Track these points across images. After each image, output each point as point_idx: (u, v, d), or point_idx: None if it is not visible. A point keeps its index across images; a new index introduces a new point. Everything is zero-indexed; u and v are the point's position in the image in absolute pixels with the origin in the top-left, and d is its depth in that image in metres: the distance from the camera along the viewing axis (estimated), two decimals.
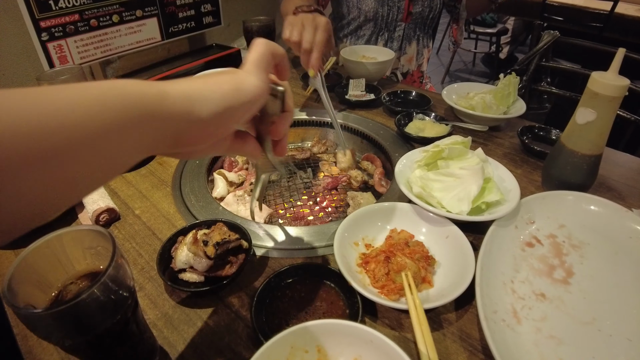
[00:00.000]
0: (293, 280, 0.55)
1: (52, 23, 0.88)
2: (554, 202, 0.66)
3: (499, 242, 0.59)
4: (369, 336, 0.41)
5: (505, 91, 0.87)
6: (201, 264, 0.56)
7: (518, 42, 3.60)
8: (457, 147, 0.65)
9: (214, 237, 0.57)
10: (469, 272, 0.53)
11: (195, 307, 0.55)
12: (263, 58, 0.37)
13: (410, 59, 1.33)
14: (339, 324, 0.42)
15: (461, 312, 0.53)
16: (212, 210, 0.70)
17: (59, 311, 0.34)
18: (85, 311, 0.36)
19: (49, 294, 0.40)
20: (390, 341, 0.39)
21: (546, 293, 0.55)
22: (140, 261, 0.62)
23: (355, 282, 0.53)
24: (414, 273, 0.54)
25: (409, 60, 1.34)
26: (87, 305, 0.36)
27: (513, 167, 0.80)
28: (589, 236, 0.63)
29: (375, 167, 0.88)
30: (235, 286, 0.57)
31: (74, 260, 0.42)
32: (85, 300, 0.35)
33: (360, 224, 0.62)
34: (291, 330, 0.41)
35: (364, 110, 1.02)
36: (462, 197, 0.62)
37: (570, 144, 0.68)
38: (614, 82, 0.61)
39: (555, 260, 0.59)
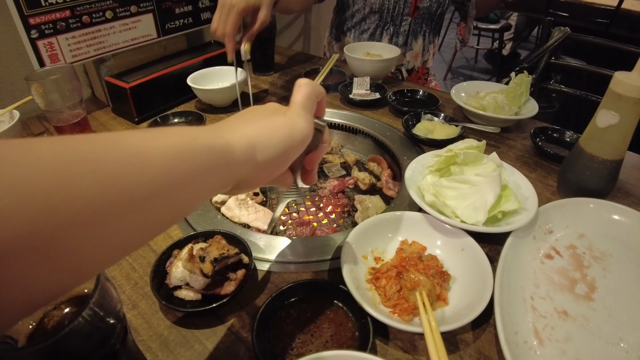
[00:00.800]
0: (298, 299, 0.51)
1: (42, 20, 0.84)
2: (573, 210, 0.62)
3: (517, 255, 0.56)
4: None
5: (517, 91, 0.82)
6: (197, 282, 0.52)
7: (521, 39, 3.55)
8: (472, 152, 0.61)
9: (211, 253, 0.53)
10: (487, 289, 0.49)
11: (193, 328, 0.51)
12: (309, 99, 0.40)
13: (416, 55, 1.29)
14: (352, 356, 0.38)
15: (478, 331, 0.50)
16: (211, 219, 0.66)
17: (38, 349, 0.30)
18: (69, 346, 0.32)
19: (29, 322, 0.37)
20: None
21: (569, 310, 0.51)
22: (133, 276, 0.59)
23: (365, 301, 0.49)
24: (429, 291, 0.50)
25: (415, 57, 1.29)
26: (72, 339, 0.32)
27: (527, 171, 0.76)
28: (611, 247, 0.59)
29: (381, 169, 0.84)
30: (236, 304, 0.54)
31: None
32: (70, 332, 0.31)
33: (369, 235, 0.59)
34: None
35: (369, 110, 0.98)
36: (478, 206, 0.58)
37: (589, 148, 0.64)
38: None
39: (576, 273, 0.56)
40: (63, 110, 0.81)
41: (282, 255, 0.60)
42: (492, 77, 3.50)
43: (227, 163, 0.32)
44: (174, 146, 0.28)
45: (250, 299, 0.55)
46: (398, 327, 0.46)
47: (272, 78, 1.19)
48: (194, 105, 1.04)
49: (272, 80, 1.17)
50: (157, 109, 0.97)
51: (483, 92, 0.87)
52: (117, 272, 0.59)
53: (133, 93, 0.90)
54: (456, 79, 3.63)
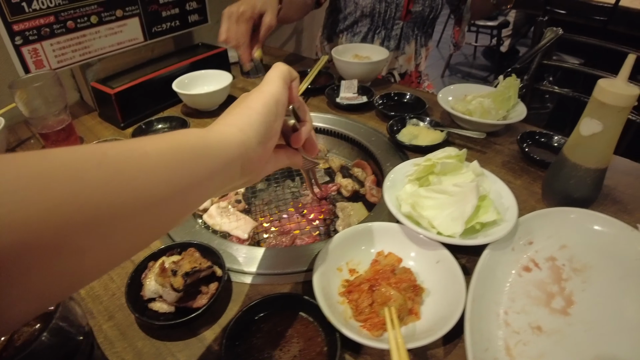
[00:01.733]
0: (269, 313, 0.51)
1: (26, 26, 0.83)
2: (555, 220, 0.61)
3: (493, 268, 0.55)
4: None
5: (505, 94, 0.81)
6: (170, 296, 0.52)
7: (520, 35, 3.48)
8: (450, 161, 0.60)
9: (183, 266, 0.53)
10: (459, 304, 0.49)
11: (166, 340, 0.51)
12: (280, 72, 0.43)
13: (408, 58, 1.27)
14: None
15: (450, 346, 0.49)
16: (189, 228, 0.66)
17: None
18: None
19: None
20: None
21: (543, 326, 0.50)
22: (112, 286, 0.59)
23: (336, 314, 0.49)
24: (400, 305, 0.50)
25: (408, 61, 1.27)
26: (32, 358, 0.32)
27: (512, 177, 0.75)
28: (593, 258, 0.58)
29: (366, 175, 0.83)
30: (210, 317, 0.54)
31: None
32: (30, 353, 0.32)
33: (344, 247, 0.58)
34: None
35: (356, 114, 0.96)
36: (456, 217, 0.57)
37: (573, 156, 0.63)
38: (624, 91, 0.55)
39: (554, 286, 0.55)
40: (47, 117, 0.81)
41: (258, 266, 0.60)
42: (491, 74, 3.45)
43: (226, 156, 0.34)
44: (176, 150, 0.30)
45: (224, 311, 0.55)
46: (365, 344, 0.46)
47: (259, 80, 1.18)
48: (180, 109, 1.03)
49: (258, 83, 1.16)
50: (144, 113, 0.97)
51: (470, 95, 0.86)
52: (96, 282, 0.59)
53: (118, 98, 0.90)
54: (454, 76, 3.59)
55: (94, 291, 0.58)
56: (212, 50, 1.09)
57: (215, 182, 0.34)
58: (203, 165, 0.32)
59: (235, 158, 0.35)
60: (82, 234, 0.22)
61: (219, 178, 0.34)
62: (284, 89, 0.42)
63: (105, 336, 0.52)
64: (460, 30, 1.26)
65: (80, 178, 0.22)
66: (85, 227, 0.22)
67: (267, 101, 0.40)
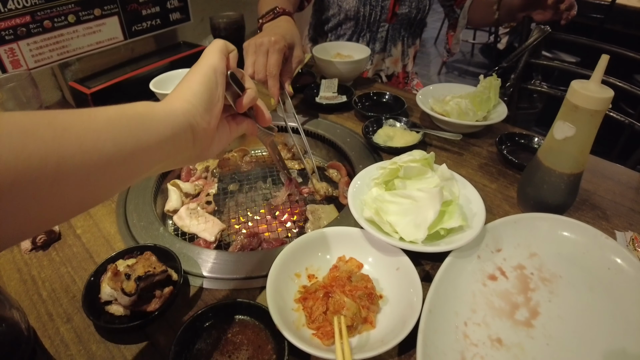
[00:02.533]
0: (220, 319, 0.50)
1: (2, 26, 0.83)
2: (526, 227, 0.59)
3: (456, 276, 0.53)
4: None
5: (484, 95, 0.78)
6: (123, 299, 0.51)
7: (517, 32, 3.41)
8: (415, 165, 0.58)
9: (137, 270, 0.52)
10: (413, 314, 0.47)
11: (120, 343, 0.51)
12: (218, 46, 0.44)
13: (395, 61, 1.24)
14: None
15: (404, 357, 0.48)
16: (153, 231, 0.65)
17: None
18: None
19: None
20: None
21: (504, 339, 0.48)
22: (73, 288, 0.58)
23: (288, 322, 0.48)
24: (353, 314, 0.48)
25: (395, 62, 1.24)
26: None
27: (488, 180, 0.73)
28: (563, 267, 0.56)
29: (340, 176, 0.82)
30: (164, 321, 0.53)
31: None
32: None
33: (304, 252, 0.56)
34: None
35: (334, 114, 0.94)
36: (419, 222, 0.55)
37: (547, 161, 0.60)
38: (596, 94, 0.53)
39: (519, 297, 0.53)
40: None
41: (218, 271, 0.59)
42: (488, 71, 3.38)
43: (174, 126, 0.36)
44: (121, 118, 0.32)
45: (179, 315, 0.54)
46: (311, 353, 0.44)
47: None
48: None
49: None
50: None
51: (449, 96, 0.83)
52: (58, 284, 0.59)
53: (95, 98, 0.89)
54: (451, 74, 3.54)
55: (55, 293, 0.57)
56: (193, 49, 1.08)
57: (165, 149, 0.36)
58: (150, 131, 0.33)
59: (184, 126, 0.37)
60: (32, 183, 0.25)
61: (168, 146, 0.36)
62: (221, 60, 0.43)
63: (62, 339, 0.52)
64: (455, 37, 1.22)
65: (31, 133, 0.25)
66: (34, 175, 0.25)
67: (206, 72, 0.41)
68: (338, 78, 0.99)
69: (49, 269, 0.61)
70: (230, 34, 1.04)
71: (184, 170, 0.84)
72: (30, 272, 0.61)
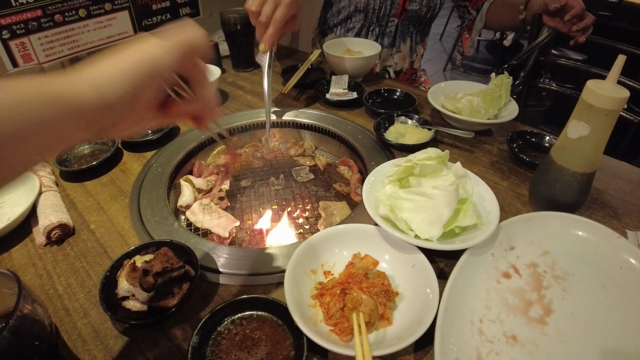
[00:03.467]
0: (238, 315, 0.51)
1: (13, 20, 0.83)
2: (538, 225, 0.59)
3: (471, 274, 0.54)
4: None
5: (495, 93, 0.78)
6: (141, 295, 0.52)
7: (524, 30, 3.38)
8: (430, 163, 0.59)
9: (155, 266, 0.52)
10: (431, 311, 0.47)
11: (137, 338, 0.51)
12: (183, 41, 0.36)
13: (404, 57, 1.24)
14: None
15: (421, 353, 0.48)
16: (167, 226, 0.66)
17: None
18: None
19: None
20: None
21: (518, 335, 0.49)
22: (88, 283, 0.59)
23: (306, 318, 0.48)
24: (371, 311, 0.49)
25: (403, 59, 1.24)
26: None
27: (500, 178, 0.73)
28: (575, 265, 0.56)
29: (352, 173, 0.82)
30: (180, 317, 0.53)
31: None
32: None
33: (319, 249, 0.57)
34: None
35: (345, 111, 0.95)
36: (434, 220, 0.55)
37: (560, 159, 0.61)
38: (612, 93, 0.53)
39: (533, 294, 0.53)
40: None
41: (234, 267, 0.59)
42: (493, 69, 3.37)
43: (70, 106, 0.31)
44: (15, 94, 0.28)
45: (196, 311, 0.54)
46: (330, 349, 0.45)
47: (250, 74, 1.16)
48: None
49: (250, 77, 1.15)
50: None
51: (461, 93, 0.83)
52: (73, 279, 0.59)
53: None
54: (456, 70, 3.53)
55: (71, 288, 0.58)
56: None
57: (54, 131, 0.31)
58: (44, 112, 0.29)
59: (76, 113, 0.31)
60: None
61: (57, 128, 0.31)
62: (172, 61, 0.35)
63: (79, 334, 0.52)
64: (470, 39, 1.21)
65: None
66: None
67: (141, 67, 0.34)
68: (348, 74, 0.98)
69: (63, 263, 0.62)
70: (241, 29, 1.04)
71: (196, 166, 0.85)
72: (45, 267, 0.61)
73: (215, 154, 0.88)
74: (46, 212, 0.66)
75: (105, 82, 0.32)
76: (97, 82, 0.32)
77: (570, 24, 0.86)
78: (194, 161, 0.86)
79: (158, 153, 0.82)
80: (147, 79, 0.34)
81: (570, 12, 0.84)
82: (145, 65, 0.34)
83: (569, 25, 0.86)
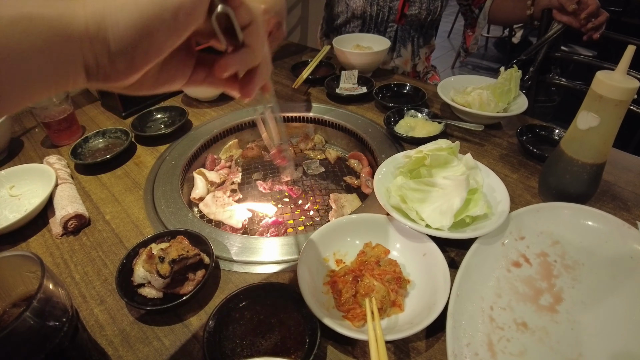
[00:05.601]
0: (252, 301, 0.52)
1: None
2: (548, 216, 0.60)
3: (481, 262, 0.54)
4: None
5: (505, 86, 0.79)
6: (157, 282, 0.53)
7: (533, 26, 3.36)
8: (441, 154, 0.59)
9: (170, 254, 0.53)
10: (442, 298, 0.48)
11: (153, 325, 0.53)
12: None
13: (405, 61, 1.24)
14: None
15: (432, 340, 0.49)
16: (182, 217, 0.67)
17: None
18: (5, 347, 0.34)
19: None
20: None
21: (529, 322, 0.50)
22: (104, 272, 0.60)
23: (319, 304, 0.49)
24: (382, 297, 0.50)
25: (405, 63, 1.24)
26: (8, 341, 0.33)
27: (509, 171, 0.73)
28: (585, 255, 0.56)
29: (362, 166, 0.83)
30: (195, 303, 0.55)
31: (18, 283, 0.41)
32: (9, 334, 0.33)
33: (331, 238, 0.58)
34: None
35: (354, 105, 0.95)
36: (444, 210, 0.56)
37: (570, 150, 0.61)
38: (621, 84, 0.53)
39: (543, 283, 0.54)
40: (49, 107, 0.83)
41: (247, 255, 0.60)
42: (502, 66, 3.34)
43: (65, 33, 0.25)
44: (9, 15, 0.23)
45: (210, 298, 0.55)
46: (344, 334, 0.46)
47: None
48: (180, 98, 1.04)
49: None
50: (145, 103, 0.98)
51: (470, 87, 0.84)
52: (90, 267, 0.61)
53: None
54: (464, 67, 3.52)
55: (87, 276, 0.59)
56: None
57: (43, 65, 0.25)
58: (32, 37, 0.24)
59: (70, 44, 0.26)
60: None
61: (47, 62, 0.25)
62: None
63: (96, 320, 0.54)
64: (474, 37, 1.21)
65: None
66: None
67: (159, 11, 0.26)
68: (357, 69, 0.99)
69: (80, 252, 0.63)
70: None
71: (208, 160, 0.86)
72: (63, 256, 0.63)
73: (227, 148, 0.90)
74: (63, 203, 0.68)
75: (111, 18, 0.26)
76: (101, 13, 0.26)
77: (585, 20, 0.86)
78: (206, 155, 0.87)
79: (171, 147, 0.84)
80: (167, 25, 0.27)
81: (586, 10, 0.84)
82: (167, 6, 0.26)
83: (580, 20, 0.86)
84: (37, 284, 0.41)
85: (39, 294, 0.36)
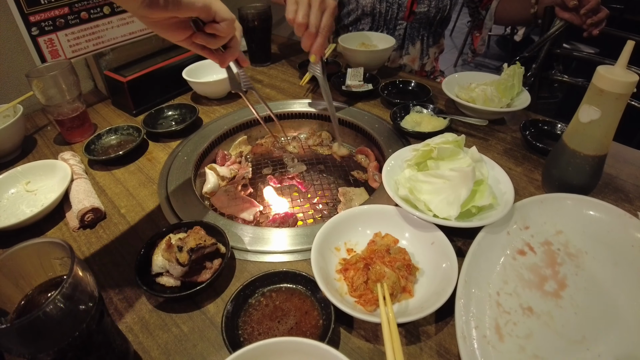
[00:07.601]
0: (268, 288, 0.54)
1: (42, 17, 0.87)
2: (552, 206, 0.62)
3: (487, 250, 0.56)
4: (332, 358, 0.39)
5: (508, 82, 0.81)
6: (176, 270, 0.55)
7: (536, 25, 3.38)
8: (448, 146, 0.61)
9: (188, 243, 0.55)
10: (450, 284, 0.50)
11: (172, 312, 0.55)
12: None
13: (413, 59, 1.26)
14: (302, 343, 0.40)
15: (441, 324, 0.51)
16: (196, 209, 0.69)
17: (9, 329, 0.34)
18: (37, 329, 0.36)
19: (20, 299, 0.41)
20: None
21: (534, 307, 0.52)
22: (122, 263, 0.62)
23: (332, 290, 0.51)
24: (393, 283, 0.52)
25: (412, 61, 1.26)
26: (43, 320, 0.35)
27: (513, 164, 0.75)
28: (588, 244, 0.58)
29: (369, 161, 0.85)
30: (212, 291, 0.57)
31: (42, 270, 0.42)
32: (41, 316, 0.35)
33: (342, 228, 0.60)
34: (253, 347, 0.40)
35: (361, 102, 0.98)
36: (452, 200, 0.58)
37: (572, 143, 0.63)
38: (621, 78, 0.55)
39: (547, 270, 0.56)
40: (62, 105, 0.85)
41: (261, 245, 0.62)
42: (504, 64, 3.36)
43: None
44: None
45: (227, 286, 0.57)
46: (358, 317, 0.48)
47: (268, 69, 1.20)
48: (190, 96, 1.06)
49: (268, 71, 1.19)
50: (155, 101, 1.00)
51: (475, 83, 0.86)
52: (108, 259, 0.63)
53: (130, 86, 0.93)
54: (467, 65, 3.54)
55: (105, 267, 0.61)
56: None
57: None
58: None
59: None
60: None
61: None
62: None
63: (116, 308, 0.56)
64: (481, 38, 1.23)
65: None
66: None
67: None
68: (363, 67, 1.01)
69: (97, 245, 0.65)
70: (259, 25, 1.08)
71: (219, 156, 0.88)
72: (80, 248, 0.65)
73: (237, 144, 0.92)
74: (79, 197, 0.70)
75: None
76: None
77: (585, 17, 0.88)
78: (217, 151, 0.89)
79: (183, 143, 0.86)
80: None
81: (586, 6, 0.86)
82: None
83: (582, 17, 0.88)
84: (62, 270, 0.43)
85: (70, 279, 0.37)
